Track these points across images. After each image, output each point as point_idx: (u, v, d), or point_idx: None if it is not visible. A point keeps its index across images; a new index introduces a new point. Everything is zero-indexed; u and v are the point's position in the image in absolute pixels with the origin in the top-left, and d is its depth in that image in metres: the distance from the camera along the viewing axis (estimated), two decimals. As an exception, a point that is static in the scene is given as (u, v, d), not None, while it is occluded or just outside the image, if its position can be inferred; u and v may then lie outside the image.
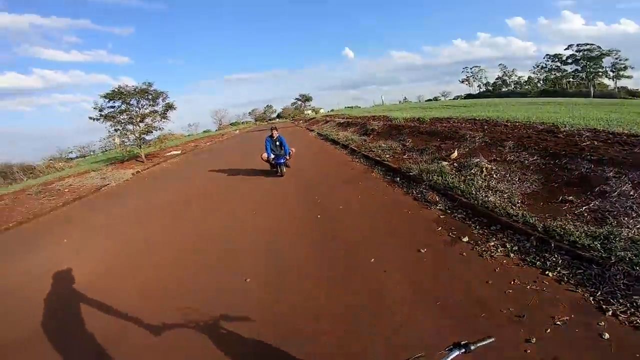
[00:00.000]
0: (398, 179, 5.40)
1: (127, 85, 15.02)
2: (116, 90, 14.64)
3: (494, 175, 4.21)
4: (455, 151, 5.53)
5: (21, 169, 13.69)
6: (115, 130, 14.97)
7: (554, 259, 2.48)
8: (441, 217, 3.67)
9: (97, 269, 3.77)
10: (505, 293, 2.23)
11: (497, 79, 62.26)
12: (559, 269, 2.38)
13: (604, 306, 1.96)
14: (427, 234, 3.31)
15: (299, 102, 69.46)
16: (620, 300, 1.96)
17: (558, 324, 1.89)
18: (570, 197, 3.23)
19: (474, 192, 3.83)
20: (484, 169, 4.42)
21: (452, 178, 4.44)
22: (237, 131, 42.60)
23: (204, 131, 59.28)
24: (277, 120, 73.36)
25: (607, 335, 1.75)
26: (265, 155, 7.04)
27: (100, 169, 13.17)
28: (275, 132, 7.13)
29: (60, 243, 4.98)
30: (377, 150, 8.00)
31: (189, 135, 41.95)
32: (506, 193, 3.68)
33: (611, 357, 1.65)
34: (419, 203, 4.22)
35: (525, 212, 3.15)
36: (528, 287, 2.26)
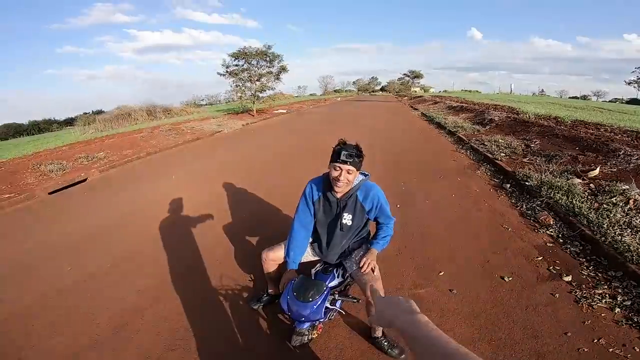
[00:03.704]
0: (508, 185, 4.74)
1: (250, 47, 17.22)
2: (241, 50, 17.02)
3: (645, 212, 3.37)
4: (598, 168, 4.52)
5: (162, 109, 17.41)
6: (236, 85, 17.61)
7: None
8: (548, 244, 3.13)
9: (211, 189, 4.87)
10: (578, 351, 1.87)
11: (687, 85, 45.17)
12: (674, 338, 1.92)
13: None
14: (522, 261, 2.85)
15: (407, 78, 64.83)
16: None
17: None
18: None
19: (605, 225, 3.16)
20: (631, 200, 3.56)
21: (582, 202, 3.73)
22: (339, 98, 43.35)
23: (310, 94, 62.61)
24: (380, 93, 70.82)
25: None
26: (272, 254, 1.96)
27: (219, 117, 15.80)
28: (349, 169, 1.67)
29: (177, 170, 6.62)
30: (490, 145, 7.07)
31: (297, 96, 44.95)
32: (655, 237, 2.95)
33: None
34: (525, 221, 3.65)
35: (673, 266, 2.52)
36: (610, 349, 1.88)
